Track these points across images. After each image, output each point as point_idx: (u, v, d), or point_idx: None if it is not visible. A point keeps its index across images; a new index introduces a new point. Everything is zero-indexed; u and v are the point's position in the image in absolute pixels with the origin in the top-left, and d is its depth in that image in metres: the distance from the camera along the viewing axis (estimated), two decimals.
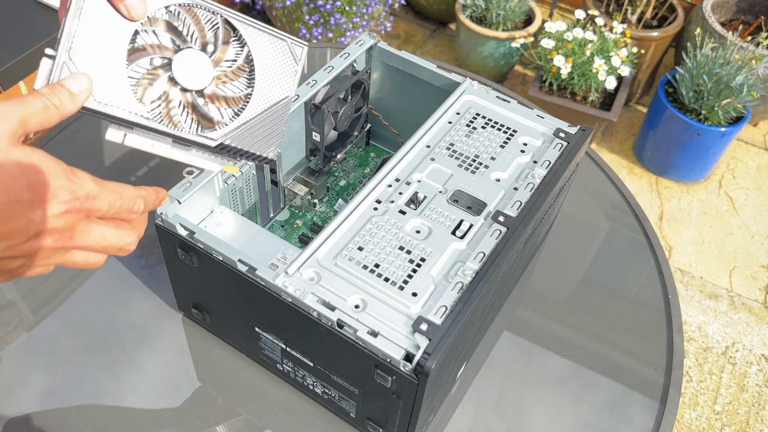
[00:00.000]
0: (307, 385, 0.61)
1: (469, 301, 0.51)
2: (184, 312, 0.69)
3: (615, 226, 0.84)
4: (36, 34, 1.34)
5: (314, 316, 0.51)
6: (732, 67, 1.55)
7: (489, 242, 0.55)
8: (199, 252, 0.55)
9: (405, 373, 0.48)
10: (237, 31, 0.49)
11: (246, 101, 0.50)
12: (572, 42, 1.63)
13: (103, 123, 0.92)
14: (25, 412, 0.62)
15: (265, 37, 0.51)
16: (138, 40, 0.44)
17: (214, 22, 0.47)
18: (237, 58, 0.49)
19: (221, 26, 0.48)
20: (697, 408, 1.38)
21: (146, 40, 0.44)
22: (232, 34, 0.49)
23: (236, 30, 0.49)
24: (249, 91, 0.50)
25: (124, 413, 0.62)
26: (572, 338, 0.71)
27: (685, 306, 1.54)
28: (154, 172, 0.84)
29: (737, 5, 1.90)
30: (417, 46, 2.14)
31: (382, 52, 0.74)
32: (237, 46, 0.49)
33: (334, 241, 0.55)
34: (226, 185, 0.62)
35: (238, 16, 0.49)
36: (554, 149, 0.64)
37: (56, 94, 0.37)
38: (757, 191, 1.80)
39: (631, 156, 1.86)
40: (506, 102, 0.69)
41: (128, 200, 0.39)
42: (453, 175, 0.61)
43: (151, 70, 0.44)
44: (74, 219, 0.36)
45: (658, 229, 1.70)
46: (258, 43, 0.50)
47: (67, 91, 0.38)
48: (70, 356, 0.66)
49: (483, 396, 0.66)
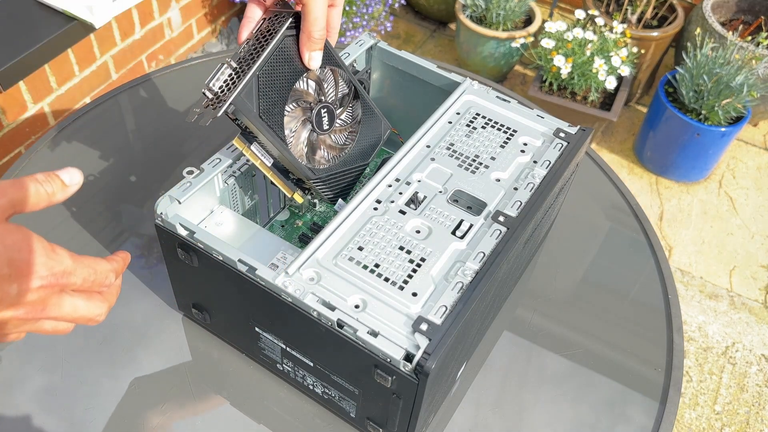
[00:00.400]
0: (307, 385, 0.61)
1: (469, 301, 0.51)
2: (184, 312, 0.69)
3: (615, 226, 0.84)
4: (36, 34, 1.34)
5: (314, 316, 0.51)
6: (732, 67, 1.55)
7: (489, 242, 0.55)
8: (199, 252, 0.55)
9: (405, 373, 0.48)
10: (358, 99, 0.63)
11: (342, 154, 0.63)
12: (572, 42, 1.63)
13: (105, 124, 0.91)
14: (25, 412, 0.62)
15: (371, 111, 0.65)
16: (299, 83, 0.56)
17: (346, 87, 0.62)
18: (350, 120, 0.63)
19: (350, 92, 0.62)
20: (697, 408, 1.38)
21: (302, 85, 0.56)
22: (353, 100, 0.63)
23: (357, 98, 0.63)
24: (348, 146, 0.63)
25: (124, 413, 0.62)
26: (572, 338, 0.71)
27: (685, 306, 1.54)
28: (154, 172, 0.84)
29: (737, 5, 1.90)
30: (417, 46, 2.14)
31: (382, 52, 0.74)
32: (353, 110, 0.63)
33: (334, 241, 0.55)
34: (226, 185, 0.62)
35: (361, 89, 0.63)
36: (554, 149, 0.64)
37: (50, 183, 0.40)
38: (757, 191, 1.80)
39: (631, 156, 1.86)
40: (506, 102, 0.69)
41: (101, 275, 0.41)
42: (453, 175, 0.61)
43: (296, 108, 0.57)
44: (48, 293, 0.38)
45: (658, 229, 1.70)
46: (366, 113, 0.64)
47: (60, 181, 0.40)
48: (69, 356, 0.66)
49: (483, 396, 0.66)
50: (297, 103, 0.56)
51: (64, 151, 0.85)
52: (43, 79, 1.44)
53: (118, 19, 1.58)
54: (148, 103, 0.93)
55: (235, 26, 2.07)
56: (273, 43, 0.51)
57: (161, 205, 0.56)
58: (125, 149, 0.87)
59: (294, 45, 0.54)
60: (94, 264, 0.41)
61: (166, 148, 0.87)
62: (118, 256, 0.44)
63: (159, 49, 1.79)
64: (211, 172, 0.60)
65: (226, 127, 0.90)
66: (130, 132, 0.90)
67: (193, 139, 0.89)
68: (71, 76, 1.52)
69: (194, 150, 0.87)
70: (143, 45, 1.72)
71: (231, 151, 0.61)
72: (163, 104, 0.93)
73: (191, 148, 0.87)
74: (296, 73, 0.55)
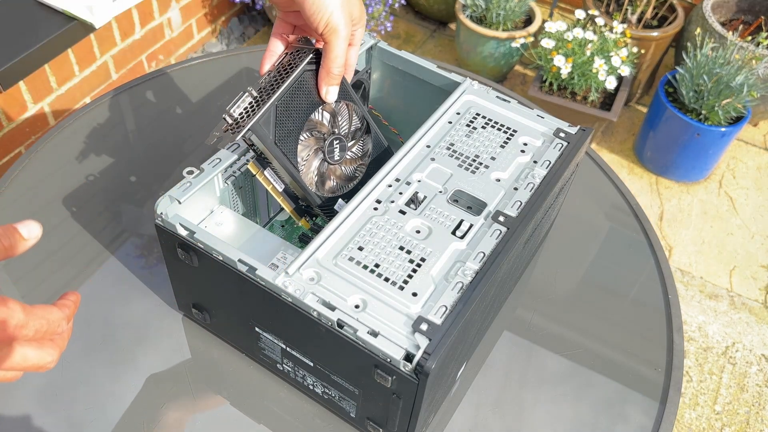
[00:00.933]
0: (307, 385, 0.61)
1: (469, 301, 0.51)
2: (184, 312, 0.69)
3: (615, 226, 0.84)
4: (36, 34, 1.34)
5: (314, 316, 0.51)
6: (732, 67, 1.55)
7: (489, 242, 0.55)
8: (199, 252, 0.55)
9: (405, 373, 0.48)
10: (369, 133, 0.66)
11: (351, 185, 0.66)
12: (572, 42, 1.63)
13: (105, 124, 0.92)
14: (25, 412, 0.62)
15: (382, 145, 0.69)
16: (314, 114, 0.59)
17: (359, 122, 0.65)
18: (360, 153, 0.66)
19: (362, 126, 0.65)
20: (697, 408, 1.38)
21: (317, 116, 0.59)
22: (364, 135, 0.66)
23: (369, 132, 0.66)
24: (357, 178, 0.66)
25: (124, 413, 0.62)
26: (572, 338, 0.71)
27: (685, 306, 1.54)
28: (154, 172, 0.84)
29: (737, 5, 1.90)
30: (417, 46, 2.14)
31: (382, 52, 0.74)
32: (363, 144, 0.66)
33: (334, 241, 0.55)
34: (226, 185, 0.62)
35: (373, 125, 0.66)
36: (554, 149, 0.64)
37: (8, 237, 0.40)
38: (757, 191, 1.80)
39: (631, 156, 1.86)
40: (506, 102, 0.69)
41: (53, 324, 0.41)
42: (453, 175, 0.61)
43: (310, 138, 0.59)
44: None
45: (658, 229, 1.70)
46: (376, 147, 0.68)
47: (20, 235, 0.41)
48: (69, 356, 0.66)
49: (483, 396, 0.66)
50: (311, 133, 0.59)
51: (64, 151, 0.85)
52: (43, 79, 1.44)
53: (118, 19, 1.58)
54: (148, 103, 0.93)
55: (235, 26, 2.07)
56: (293, 76, 0.55)
57: (161, 205, 0.56)
58: (125, 149, 0.87)
59: (312, 79, 0.58)
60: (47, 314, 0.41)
61: (166, 148, 0.87)
62: (69, 299, 0.45)
63: (159, 49, 1.79)
64: (211, 172, 0.60)
65: None
66: (130, 132, 0.90)
67: (193, 139, 0.89)
68: (71, 76, 1.52)
69: (194, 150, 0.87)
70: (143, 45, 1.72)
71: (231, 151, 0.61)
72: (163, 104, 0.93)
73: (191, 148, 0.87)
74: (312, 105, 0.59)
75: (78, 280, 0.72)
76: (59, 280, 0.72)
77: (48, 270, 0.73)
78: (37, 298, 0.70)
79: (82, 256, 0.74)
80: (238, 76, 0.98)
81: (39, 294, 0.71)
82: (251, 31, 2.12)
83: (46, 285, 0.72)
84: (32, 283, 0.72)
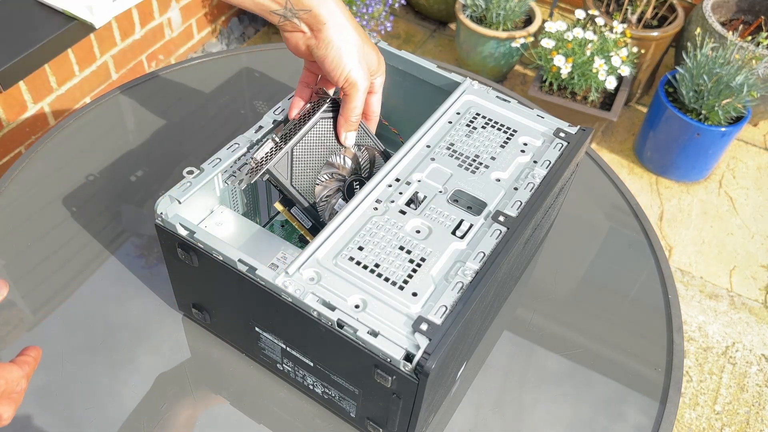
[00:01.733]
0: (307, 385, 0.61)
1: (469, 301, 0.51)
2: (183, 312, 0.69)
3: (615, 226, 0.84)
4: (36, 34, 1.34)
5: (314, 316, 0.51)
6: (732, 67, 1.55)
7: (489, 242, 0.55)
8: (199, 252, 0.55)
9: (405, 373, 0.48)
10: None
11: None
12: (572, 42, 1.63)
13: (105, 124, 0.91)
14: (25, 412, 0.62)
15: None
16: (333, 159, 0.63)
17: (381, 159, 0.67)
18: None
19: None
20: (697, 408, 1.38)
21: (338, 160, 0.63)
22: None
23: None
24: None
25: (124, 413, 0.62)
26: (572, 338, 0.71)
27: (685, 306, 1.54)
28: (154, 172, 0.84)
29: (737, 5, 1.90)
30: (417, 46, 2.14)
31: (382, 51, 0.74)
32: None
33: (334, 241, 0.55)
34: (226, 185, 0.62)
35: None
36: (554, 149, 0.64)
37: None
38: (757, 191, 1.80)
39: (631, 156, 1.86)
40: (506, 102, 0.69)
41: (12, 383, 0.43)
42: (453, 175, 0.61)
43: (330, 179, 0.62)
44: None
45: (658, 229, 1.70)
46: None
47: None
48: (69, 356, 0.66)
49: (483, 396, 0.66)
50: (331, 175, 0.63)
51: (64, 151, 0.85)
52: (43, 79, 1.44)
53: (118, 19, 1.58)
54: (148, 103, 0.93)
55: (235, 26, 2.07)
56: (309, 124, 0.60)
57: (161, 205, 0.56)
58: (125, 149, 0.87)
59: (330, 126, 0.62)
60: (6, 373, 0.42)
61: (166, 148, 0.87)
62: (29, 355, 0.45)
63: (159, 49, 1.79)
64: (211, 172, 0.60)
65: (226, 128, 0.90)
66: (130, 132, 0.90)
67: (193, 139, 0.89)
68: (71, 76, 1.52)
69: (194, 150, 0.87)
70: (143, 45, 1.72)
71: (231, 151, 0.61)
72: (162, 104, 0.93)
73: (191, 148, 0.87)
74: (329, 149, 0.62)
75: (78, 280, 0.72)
76: (59, 280, 0.72)
77: (48, 270, 0.73)
78: (37, 298, 0.70)
79: (82, 256, 0.74)
80: (238, 76, 0.98)
81: (39, 294, 0.71)
82: (251, 31, 2.12)
83: (46, 285, 0.72)
84: (32, 283, 0.72)
